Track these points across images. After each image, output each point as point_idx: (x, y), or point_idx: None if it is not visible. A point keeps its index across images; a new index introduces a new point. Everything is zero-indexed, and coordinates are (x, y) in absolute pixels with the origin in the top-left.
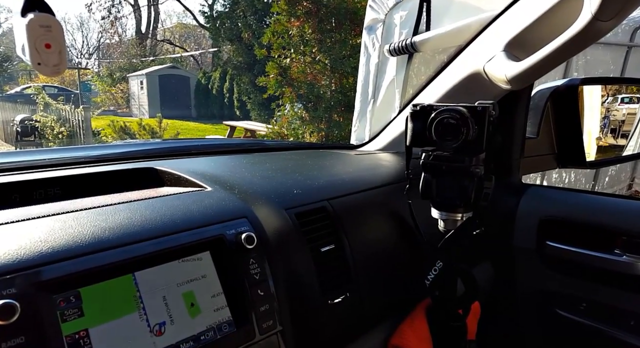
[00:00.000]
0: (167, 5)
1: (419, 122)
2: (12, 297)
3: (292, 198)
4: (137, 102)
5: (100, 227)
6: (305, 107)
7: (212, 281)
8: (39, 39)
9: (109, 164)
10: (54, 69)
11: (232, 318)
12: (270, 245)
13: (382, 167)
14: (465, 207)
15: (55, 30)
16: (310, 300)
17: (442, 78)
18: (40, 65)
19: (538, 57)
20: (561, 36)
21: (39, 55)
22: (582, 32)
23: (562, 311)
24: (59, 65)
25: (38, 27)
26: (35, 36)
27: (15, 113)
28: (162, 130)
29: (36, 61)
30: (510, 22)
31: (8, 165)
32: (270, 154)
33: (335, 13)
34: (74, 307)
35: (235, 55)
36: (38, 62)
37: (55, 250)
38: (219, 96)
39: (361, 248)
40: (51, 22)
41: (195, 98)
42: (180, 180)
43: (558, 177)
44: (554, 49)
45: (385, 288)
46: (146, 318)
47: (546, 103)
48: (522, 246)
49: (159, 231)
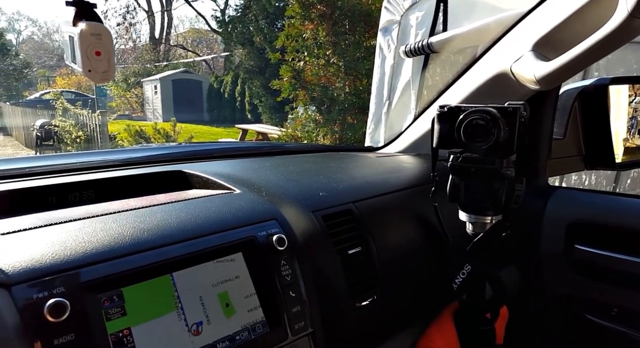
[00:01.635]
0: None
1: (446, 123)
2: (62, 295)
3: (318, 200)
4: (151, 106)
5: (139, 228)
6: (318, 109)
7: (245, 282)
8: (90, 46)
9: (137, 167)
10: (103, 75)
11: (265, 318)
12: (299, 247)
13: (405, 169)
14: (495, 209)
15: (105, 38)
16: (338, 302)
17: (467, 79)
18: (91, 72)
19: (569, 57)
20: (594, 35)
21: (90, 62)
22: (617, 30)
23: (592, 316)
24: (108, 72)
25: (89, 36)
26: (86, 44)
27: (35, 118)
28: (176, 134)
29: (87, 68)
30: (539, 21)
31: (41, 169)
32: (291, 157)
33: (349, 15)
34: (117, 306)
35: (247, 59)
36: (89, 69)
37: (99, 250)
38: (230, 100)
39: (387, 251)
40: (101, 30)
41: (207, 102)
42: (209, 182)
43: (577, 179)
44: (586, 48)
45: (412, 291)
46: (184, 317)
47: (573, 103)
48: (550, 249)
49: (194, 233)
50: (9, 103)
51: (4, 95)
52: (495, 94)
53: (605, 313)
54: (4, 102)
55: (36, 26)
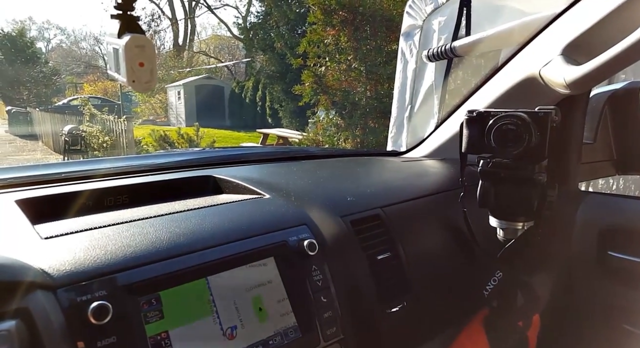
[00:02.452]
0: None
1: (475, 128)
2: (104, 298)
3: (347, 205)
4: (174, 112)
5: (175, 233)
6: (340, 114)
7: (277, 286)
8: (134, 58)
9: (167, 172)
10: (145, 85)
11: (297, 323)
12: (329, 252)
13: (432, 174)
14: (526, 215)
15: (148, 49)
16: (369, 308)
17: (493, 83)
18: (135, 82)
19: (601, 61)
20: (627, 39)
21: (134, 73)
22: None
23: (629, 326)
24: (150, 82)
25: (134, 47)
26: (130, 56)
27: (63, 124)
28: (199, 139)
29: (131, 79)
30: (568, 25)
31: (75, 174)
32: (316, 161)
33: (370, 21)
34: (155, 309)
35: (268, 64)
36: (133, 80)
37: (138, 254)
38: (251, 104)
39: (416, 257)
40: (145, 42)
41: (229, 107)
42: (239, 187)
43: (604, 183)
44: (618, 52)
45: (442, 298)
46: (219, 321)
47: (604, 107)
48: (582, 256)
49: (228, 237)
50: (38, 109)
51: (34, 102)
52: (523, 98)
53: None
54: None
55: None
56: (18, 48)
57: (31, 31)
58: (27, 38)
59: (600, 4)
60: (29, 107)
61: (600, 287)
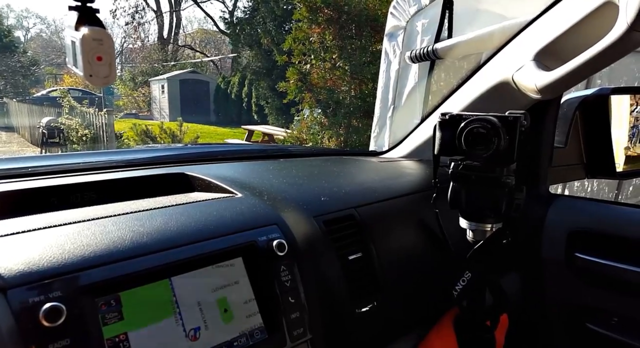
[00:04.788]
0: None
1: (447, 131)
2: (58, 300)
3: (320, 205)
4: (158, 106)
5: (139, 232)
6: (324, 112)
7: (245, 287)
8: (91, 51)
9: (139, 168)
10: (104, 80)
11: (263, 325)
12: (299, 253)
13: (408, 175)
14: (495, 217)
15: (106, 43)
16: (339, 308)
17: (469, 87)
18: (92, 76)
19: (570, 67)
20: (595, 46)
21: (91, 67)
22: (617, 42)
23: (592, 325)
24: (108, 77)
25: (91, 41)
26: (87, 49)
27: (42, 115)
28: (183, 134)
29: (88, 73)
30: (540, 31)
31: (43, 169)
32: (294, 160)
33: (356, 20)
34: (114, 310)
35: (254, 60)
36: (90, 74)
37: (97, 254)
38: (237, 100)
39: (388, 257)
40: (103, 35)
41: (214, 102)
42: (211, 185)
43: (580, 186)
44: (587, 59)
45: (413, 298)
46: (182, 323)
47: (575, 112)
48: (550, 257)
49: (194, 237)
50: (16, 100)
51: (11, 92)
52: (497, 102)
53: (606, 322)
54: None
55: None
56: None
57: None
58: (4, 26)
59: (571, 11)
60: (5, 97)
61: (567, 287)
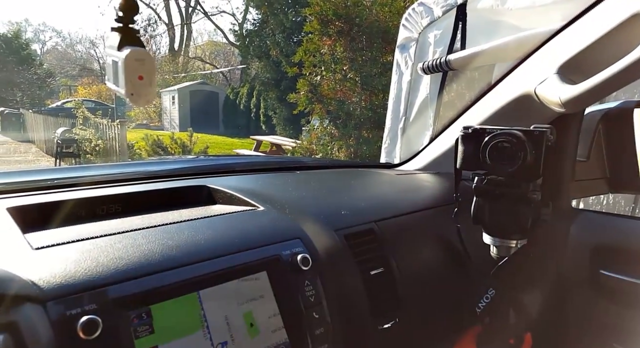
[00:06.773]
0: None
1: (470, 145)
2: (94, 312)
3: (340, 219)
4: (168, 116)
5: (168, 245)
6: (334, 123)
7: (269, 301)
8: (133, 71)
9: (161, 180)
10: (144, 98)
11: (288, 340)
12: (323, 267)
13: (427, 188)
14: (520, 233)
15: (147, 63)
16: (361, 324)
17: (488, 100)
18: (134, 95)
19: (596, 81)
20: (623, 59)
21: (133, 86)
22: None
23: (619, 345)
24: (148, 96)
25: (133, 61)
26: (130, 69)
27: (57, 126)
28: (193, 144)
29: (130, 92)
30: (564, 43)
31: (69, 181)
32: (312, 173)
33: (367, 32)
34: (146, 323)
35: (263, 71)
36: (131, 93)
37: (130, 267)
38: (246, 111)
39: (409, 272)
40: (145, 56)
41: (223, 113)
42: (233, 198)
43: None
44: (614, 72)
45: (435, 314)
46: (210, 337)
47: (597, 125)
48: (574, 274)
49: (221, 250)
50: (32, 111)
51: (27, 103)
52: (518, 115)
53: (635, 342)
54: (27, 110)
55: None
56: (13, 49)
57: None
58: (23, 40)
59: (596, 24)
60: (22, 108)
61: (591, 305)
